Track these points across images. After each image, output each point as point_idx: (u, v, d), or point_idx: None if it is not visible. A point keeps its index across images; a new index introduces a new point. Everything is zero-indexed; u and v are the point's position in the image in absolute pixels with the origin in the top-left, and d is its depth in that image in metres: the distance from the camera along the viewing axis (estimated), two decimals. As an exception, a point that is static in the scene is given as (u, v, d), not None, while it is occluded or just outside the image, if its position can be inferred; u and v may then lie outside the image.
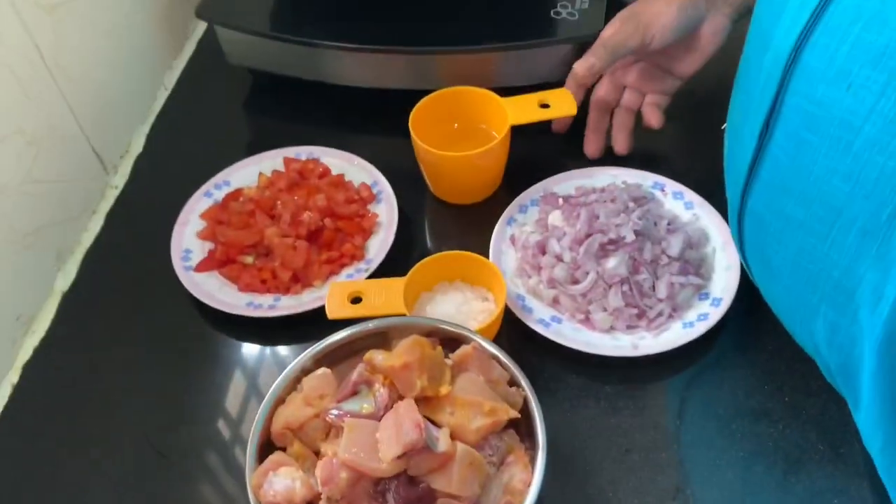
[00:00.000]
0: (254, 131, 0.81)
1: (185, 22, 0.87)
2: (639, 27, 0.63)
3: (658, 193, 0.65)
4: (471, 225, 0.67)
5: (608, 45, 0.64)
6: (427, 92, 0.69)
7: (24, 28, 0.61)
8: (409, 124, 0.65)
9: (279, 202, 0.66)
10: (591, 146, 0.70)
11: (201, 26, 0.88)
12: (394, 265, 0.63)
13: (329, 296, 0.57)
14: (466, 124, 0.70)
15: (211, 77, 0.83)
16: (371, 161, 0.70)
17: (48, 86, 0.65)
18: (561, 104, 0.67)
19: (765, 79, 0.41)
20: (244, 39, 0.75)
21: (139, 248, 0.69)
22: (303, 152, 0.72)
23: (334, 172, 0.70)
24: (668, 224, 0.61)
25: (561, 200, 0.65)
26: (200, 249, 0.66)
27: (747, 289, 0.58)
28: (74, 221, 0.69)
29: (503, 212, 0.65)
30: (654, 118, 0.68)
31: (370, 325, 0.53)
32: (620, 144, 0.69)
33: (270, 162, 0.71)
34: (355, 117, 0.78)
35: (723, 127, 0.53)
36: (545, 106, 0.67)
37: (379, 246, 0.64)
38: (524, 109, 0.66)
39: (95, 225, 0.71)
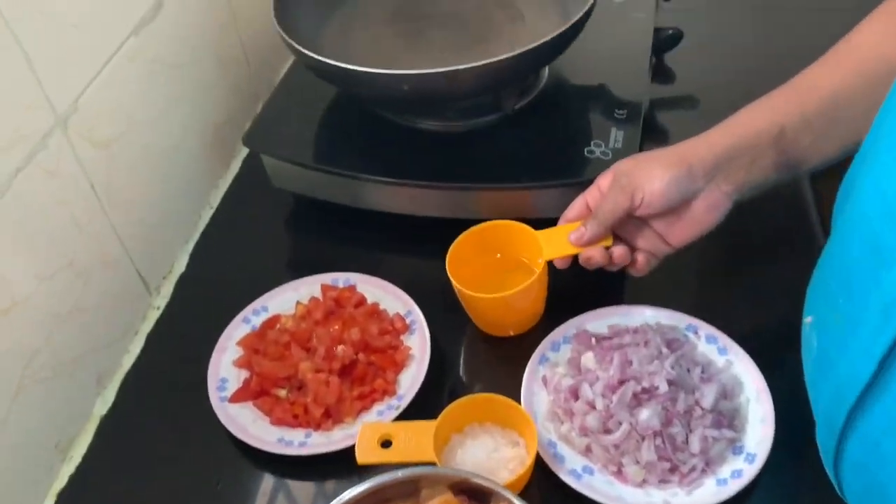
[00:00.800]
0: (294, 251, 0.83)
1: (231, 144, 0.90)
2: (626, 189, 0.60)
3: (692, 336, 0.65)
4: (505, 359, 0.68)
5: (598, 215, 0.62)
6: (464, 221, 0.70)
7: (79, 164, 0.65)
8: (447, 264, 0.66)
9: (315, 335, 0.67)
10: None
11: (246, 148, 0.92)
12: (425, 400, 0.64)
13: (359, 440, 0.58)
14: (507, 255, 0.71)
15: (254, 197, 0.86)
16: (406, 286, 0.72)
17: (99, 217, 0.68)
18: None
19: (886, 300, 0.37)
20: (290, 168, 0.78)
21: (178, 373, 0.70)
22: (340, 279, 0.73)
23: (369, 301, 0.71)
24: (702, 372, 0.61)
25: (594, 340, 0.65)
26: (236, 378, 0.67)
27: (783, 443, 0.57)
28: (116, 344, 0.71)
29: (538, 345, 0.66)
30: (639, 269, 0.65)
31: (399, 473, 0.53)
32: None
33: (308, 288, 0.73)
34: (393, 241, 0.80)
35: (807, 320, 0.49)
36: None
37: (411, 381, 0.65)
38: (557, 244, 0.66)
39: (136, 347, 0.72)
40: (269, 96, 0.85)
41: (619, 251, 0.64)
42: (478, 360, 0.70)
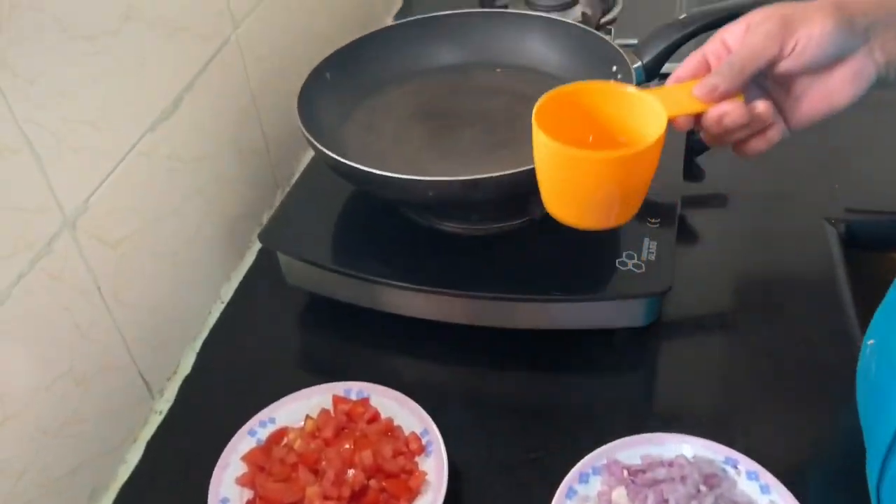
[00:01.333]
0: (306, 352, 0.79)
1: (247, 235, 0.87)
2: (774, 34, 0.51)
3: (731, 471, 0.60)
4: (527, 487, 0.63)
5: (735, 60, 0.52)
6: (487, 329, 0.66)
7: (86, 267, 0.62)
8: (534, 118, 0.53)
9: (324, 456, 0.62)
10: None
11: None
12: (441, 532, 0.59)
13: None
14: (600, 128, 0.56)
15: (268, 291, 0.83)
16: (423, 398, 0.67)
17: (104, 321, 0.64)
18: None
19: None
20: (305, 268, 0.75)
21: (177, 487, 0.65)
22: (353, 389, 0.69)
23: (384, 416, 0.67)
24: None
25: (626, 473, 0.60)
26: (239, 497, 0.62)
27: None
28: (113, 453, 0.67)
29: (564, 474, 0.61)
30: (768, 142, 0.55)
31: None
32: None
33: (319, 398, 0.68)
34: (412, 347, 0.76)
35: (869, 342, 0.47)
36: None
37: (426, 511, 0.60)
38: (678, 101, 0.53)
39: (134, 457, 0.68)
40: (287, 190, 0.82)
41: (763, 105, 0.52)
42: (497, 489, 0.65)
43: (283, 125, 0.91)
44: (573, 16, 1.02)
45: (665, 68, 0.77)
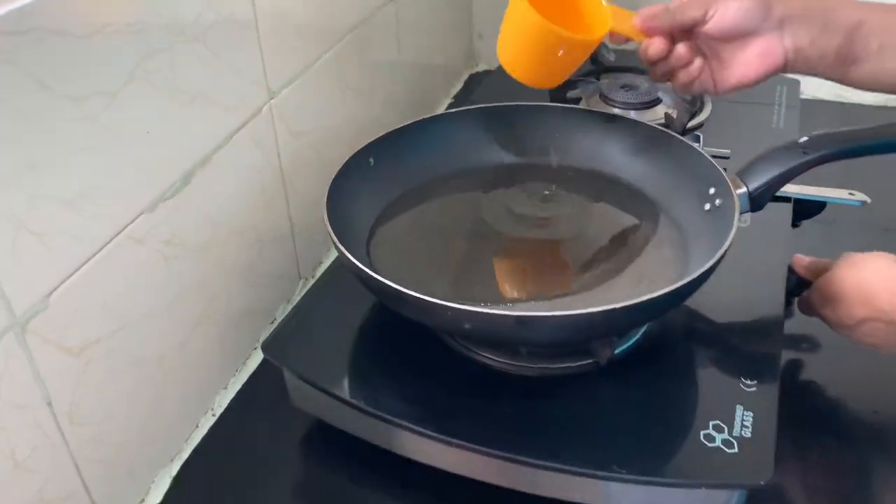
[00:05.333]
0: (305, 484, 0.64)
1: (254, 337, 0.75)
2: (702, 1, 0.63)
3: None
4: None
5: (670, 9, 0.65)
6: (522, 494, 0.54)
7: (34, 376, 0.49)
8: None
9: None
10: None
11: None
12: None
13: None
14: (568, 18, 0.69)
15: (269, 405, 0.69)
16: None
17: (51, 444, 0.51)
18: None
19: None
20: (313, 392, 0.61)
21: None
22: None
23: None
24: None
25: None
26: None
27: None
28: None
29: None
30: (689, 76, 0.66)
31: None
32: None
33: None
34: (427, 498, 0.61)
35: None
36: None
37: None
38: (623, 21, 0.67)
39: None
40: (308, 288, 0.70)
41: (682, 48, 0.65)
42: None
43: (316, 210, 0.79)
44: (655, 117, 0.90)
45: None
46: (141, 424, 0.61)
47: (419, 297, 0.53)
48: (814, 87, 1.11)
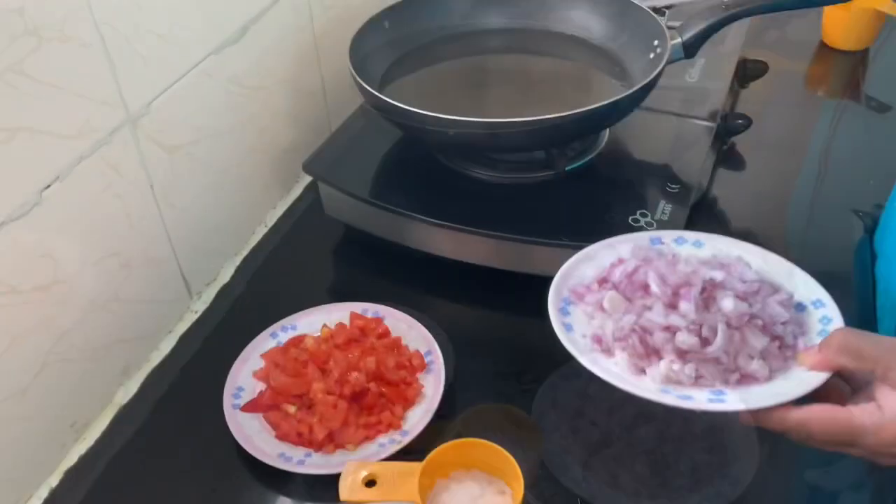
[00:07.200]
0: (336, 279, 0.85)
1: (296, 170, 0.94)
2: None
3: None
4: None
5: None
6: (504, 272, 0.72)
7: (142, 162, 0.68)
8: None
9: (333, 358, 0.68)
10: None
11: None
12: (429, 440, 0.63)
13: (343, 477, 0.57)
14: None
15: (308, 223, 0.89)
16: (435, 326, 0.72)
17: (152, 215, 0.71)
18: None
19: None
20: (343, 198, 0.81)
21: (201, 376, 0.72)
22: (370, 309, 0.74)
23: (393, 334, 0.72)
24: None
25: (596, 286, 0.61)
26: (252, 389, 0.68)
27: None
28: (148, 339, 0.74)
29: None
30: None
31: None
32: None
33: (339, 314, 0.74)
34: (432, 283, 0.81)
35: None
36: None
37: (418, 419, 0.65)
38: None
39: (167, 346, 0.75)
40: (336, 128, 0.89)
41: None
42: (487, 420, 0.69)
43: (343, 72, 0.96)
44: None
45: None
46: (213, 220, 0.80)
47: (417, 112, 0.71)
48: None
